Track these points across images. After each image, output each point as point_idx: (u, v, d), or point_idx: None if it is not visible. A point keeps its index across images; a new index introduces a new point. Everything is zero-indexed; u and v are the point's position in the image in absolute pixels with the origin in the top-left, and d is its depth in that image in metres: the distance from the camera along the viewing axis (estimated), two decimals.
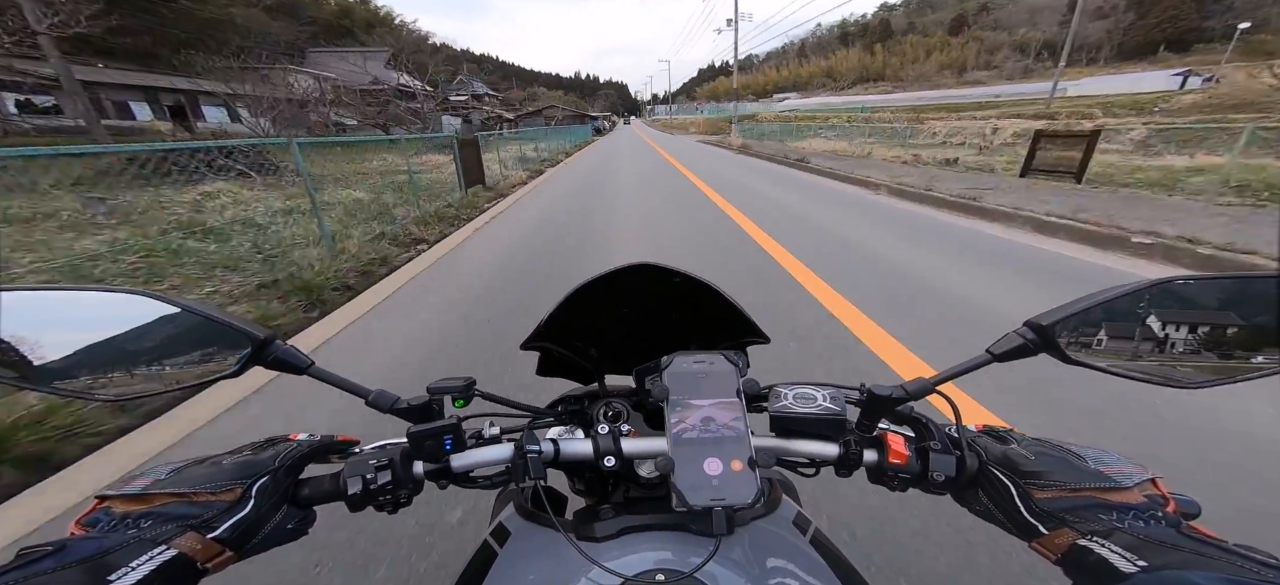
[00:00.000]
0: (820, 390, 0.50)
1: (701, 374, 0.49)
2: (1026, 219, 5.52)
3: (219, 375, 0.43)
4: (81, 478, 1.89)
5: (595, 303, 0.58)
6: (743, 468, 0.42)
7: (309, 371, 0.46)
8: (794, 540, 0.48)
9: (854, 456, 0.49)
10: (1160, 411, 2.00)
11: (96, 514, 0.37)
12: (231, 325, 0.43)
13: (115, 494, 0.38)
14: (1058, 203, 5.98)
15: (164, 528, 0.36)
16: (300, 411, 2.25)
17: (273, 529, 0.42)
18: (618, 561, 0.41)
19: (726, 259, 4.54)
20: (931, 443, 0.46)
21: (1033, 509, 0.39)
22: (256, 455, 0.44)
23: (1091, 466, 0.40)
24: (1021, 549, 0.42)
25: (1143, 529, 0.35)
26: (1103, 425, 1.95)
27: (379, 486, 0.44)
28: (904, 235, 5.33)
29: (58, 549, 0.32)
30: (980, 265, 4.18)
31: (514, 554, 0.48)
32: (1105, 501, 0.37)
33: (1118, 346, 0.42)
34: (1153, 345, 0.41)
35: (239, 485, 0.40)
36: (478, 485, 0.51)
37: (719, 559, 0.39)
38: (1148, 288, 0.41)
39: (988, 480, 0.44)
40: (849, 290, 3.52)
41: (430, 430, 0.46)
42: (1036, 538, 0.39)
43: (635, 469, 0.53)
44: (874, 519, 1.50)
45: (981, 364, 0.45)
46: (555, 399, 0.65)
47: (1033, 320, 0.43)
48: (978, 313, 3.16)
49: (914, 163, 11.49)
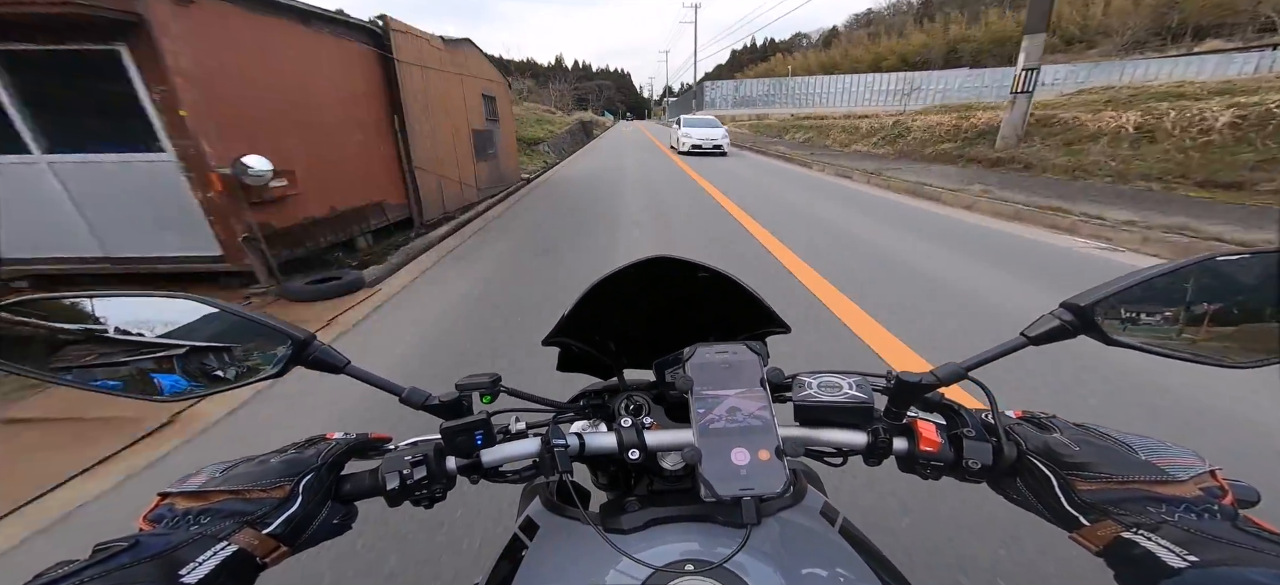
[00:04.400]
0: (845, 378, 0.49)
1: (725, 365, 0.48)
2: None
3: (262, 375, 0.44)
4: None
5: (613, 297, 0.58)
6: (770, 457, 0.42)
7: (346, 370, 0.46)
8: (822, 530, 0.48)
9: (883, 445, 0.48)
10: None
11: (160, 510, 0.39)
12: (272, 326, 0.44)
13: (176, 491, 0.40)
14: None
15: (223, 523, 0.37)
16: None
17: (320, 524, 0.43)
18: (646, 552, 0.41)
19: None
20: (965, 430, 0.45)
21: (1074, 500, 0.38)
22: (300, 454, 0.45)
23: (1141, 457, 0.38)
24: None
25: (1195, 523, 0.33)
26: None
27: (415, 482, 0.45)
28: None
29: (131, 545, 0.33)
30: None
31: (544, 546, 0.48)
32: (1156, 495, 0.36)
33: (1160, 326, 0.41)
34: (1198, 324, 0.40)
35: (288, 483, 0.41)
36: (506, 479, 0.52)
37: (748, 549, 0.39)
38: (1191, 265, 0.39)
39: (1026, 469, 0.42)
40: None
41: (462, 426, 0.47)
42: (1078, 528, 0.38)
43: (659, 461, 0.53)
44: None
45: (1016, 347, 0.43)
46: (576, 393, 0.66)
47: (1069, 301, 0.42)
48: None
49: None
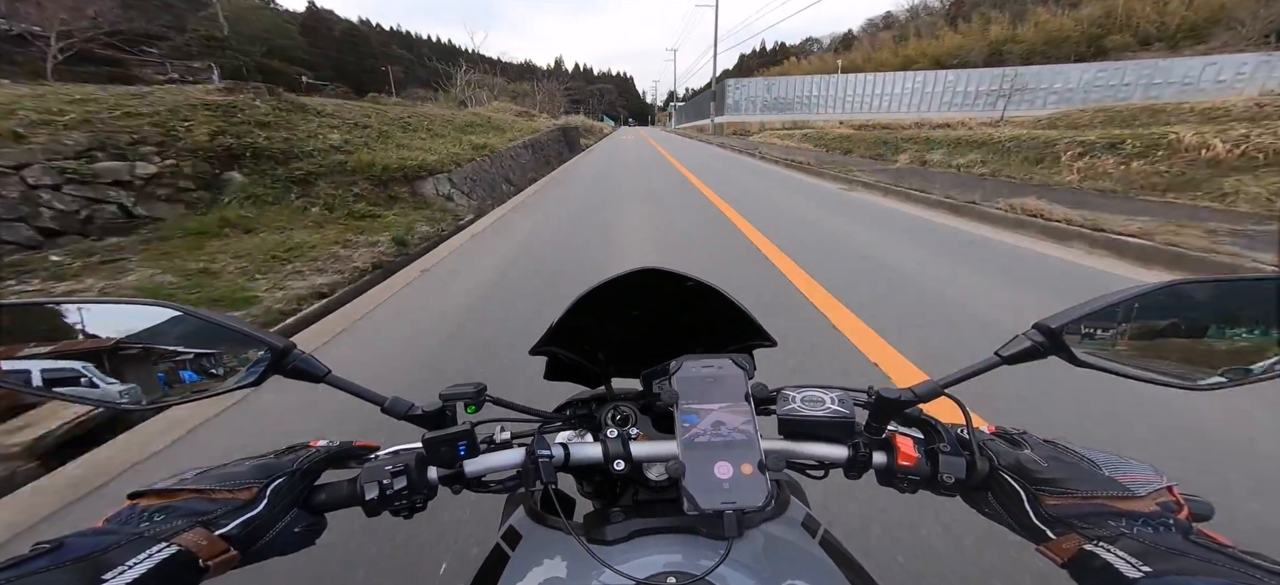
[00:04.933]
0: (828, 393, 0.50)
1: (710, 378, 0.49)
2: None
3: (238, 383, 0.43)
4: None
5: (602, 307, 0.58)
6: (753, 471, 0.42)
7: (326, 380, 0.46)
8: (803, 542, 0.48)
9: (863, 459, 0.49)
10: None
11: (123, 511, 0.38)
12: (249, 334, 0.44)
13: (145, 490, 0.39)
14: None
15: (174, 522, 0.36)
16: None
17: (280, 532, 0.42)
18: (629, 564, 0.41)
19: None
20: (940, 445, 0.47)
21: (1042, 514, 0.40)
22: (278, 459, 0.44)
23: (1105, 474, 0.40)
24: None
25: (1150, 535, 0.35)
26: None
27: (395, 492, 0.45)
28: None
29: (54, 547, 0.32)
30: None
31: (526, 557, 0.48)
32: (1116, 509, 0.37)
33: (1128, 348, 0.42)
34: (1163, 347, 0.41)
35: (256, 485, 0.40)
36: (490, 489, 0.52)
37: (730, 562, 0.40)
38: (1157, 290, 0.41)
39: (998, 484, 0.44)
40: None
41: (445, 436, 0.47)
42: (1044, 541, 0.39)
43: (644, 472, 0.53)
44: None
45: (990, 366, 0.45)
46: (562, 402, 0.66)
47: (1042, 322, 0.43)
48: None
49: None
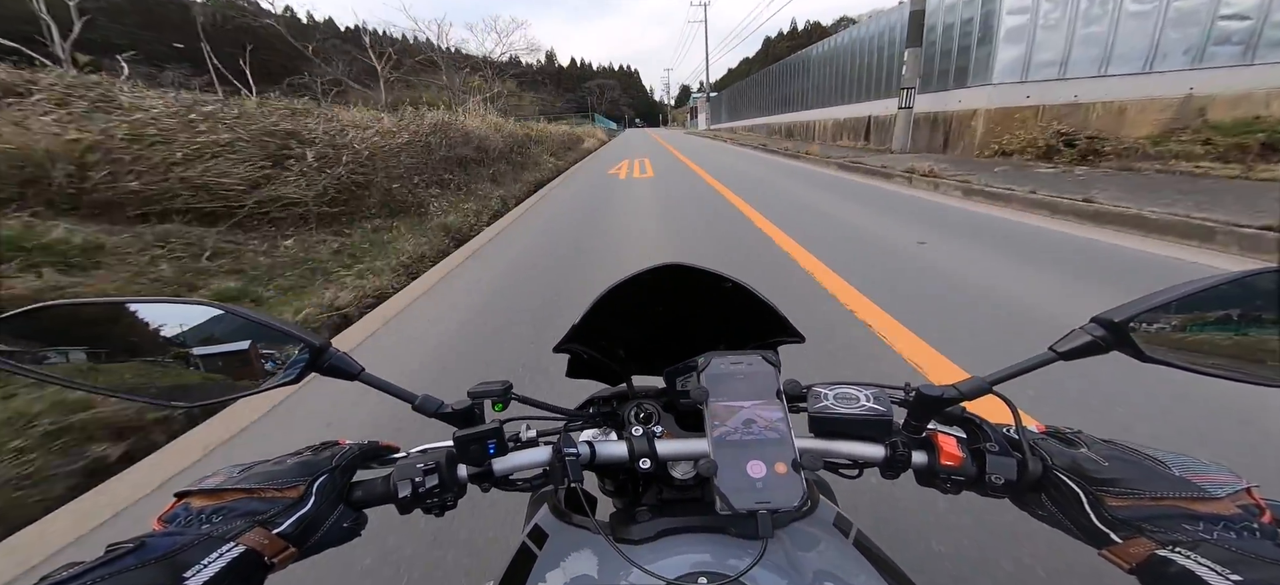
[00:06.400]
0: (862, 390, 0.48)
1: (740, 375, 0.48)
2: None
3: (279, 381, 0.44)
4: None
5: (624, 304, 0.57)
6: (787, 470, 0.41)
7: (360, 377, 0.46)
8: (836, 542, 0.47)
9: (902, 458, 0.47)
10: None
11: (176, 511, 0.39)
12: (288, 332, 0.44)
13: (193, 490, 0.40)
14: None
15: (235, 523, 0.37)
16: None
17: (330, 528, 0.43)
18: (657, 564, 0.40)
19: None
20: (987, 444, 0.44)
21: (1104, 517, 0.37)
22: (315, 456, 0.45)
23: (1176, 474, 0.37)
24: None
25: (1235, 541, 0.32)
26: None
27: (427, 490, 0.45)
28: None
29: (138, 546, 0.33)
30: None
31: (553, 556, 0.48)
32: (1192, 512, 0.34)
33: (1199, 342, 0.39)
34: (1238, 340, 0.38)
35: (302, 483, 0.41)
36: (517, 488, 0.51)
37: (763, 563, 0.38)
38: (1230, 280, 0.38)
39: (1052, 484, 0.41)
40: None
41: (474, 434, 0.47)
42: (1108, 545, 0.37)
43: (670, 470, 0.52)
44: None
45: (1044, 362, 0.42)
46: (585, 400, 0.65)
47: (1102, 315, 0.40)
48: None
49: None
